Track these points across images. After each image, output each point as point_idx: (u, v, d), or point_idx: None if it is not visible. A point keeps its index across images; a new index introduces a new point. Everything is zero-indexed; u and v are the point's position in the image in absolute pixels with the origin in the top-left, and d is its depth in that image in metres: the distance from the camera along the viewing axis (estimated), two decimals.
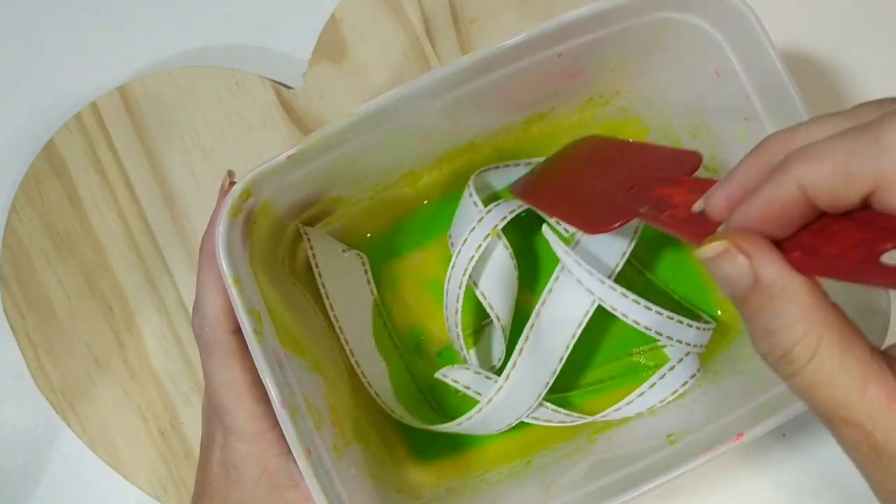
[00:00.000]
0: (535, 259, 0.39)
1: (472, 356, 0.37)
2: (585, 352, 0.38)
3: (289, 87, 0.41)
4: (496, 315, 0.35)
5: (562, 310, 0.35)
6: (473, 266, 0.34)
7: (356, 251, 0.38)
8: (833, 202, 0.20)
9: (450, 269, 0.35)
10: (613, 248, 0.36)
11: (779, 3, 0.41)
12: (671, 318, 0.34)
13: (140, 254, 0.40)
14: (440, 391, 0.38)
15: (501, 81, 0.31)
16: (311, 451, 0.27)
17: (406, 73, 0.41)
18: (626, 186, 0.31)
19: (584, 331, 0.35)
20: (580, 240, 0.36)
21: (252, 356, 0.27)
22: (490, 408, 0.34)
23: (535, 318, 0.35)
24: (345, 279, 0.36)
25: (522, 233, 0.38)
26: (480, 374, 0.36)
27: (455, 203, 0.38)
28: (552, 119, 0.37)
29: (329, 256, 0.36)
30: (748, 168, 0.22)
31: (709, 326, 0.35)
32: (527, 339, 0.34)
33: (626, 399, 0.35)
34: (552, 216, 0.36)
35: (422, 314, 0.38)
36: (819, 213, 0.21)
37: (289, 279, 0.34)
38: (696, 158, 0.32)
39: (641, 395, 0.35)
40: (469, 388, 0.35)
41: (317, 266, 0.35)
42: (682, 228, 0.25)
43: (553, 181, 0.36)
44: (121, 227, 0.40)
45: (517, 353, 0.34)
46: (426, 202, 0.39)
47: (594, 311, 0.35)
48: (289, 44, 0.42)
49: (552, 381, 0.35)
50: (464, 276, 0.34)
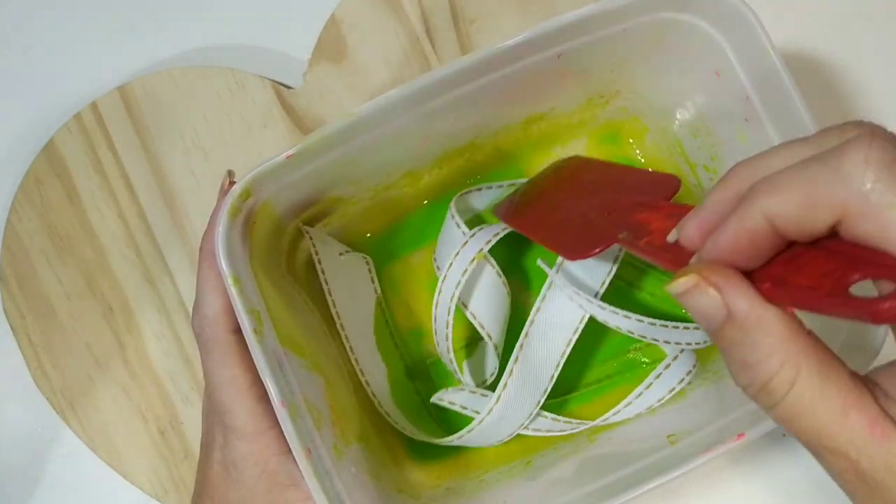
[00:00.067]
0: (526, 272, 0.39)
1: (467, 376, 0.36)
2: (582, 353, 0.38)
3: (289, 87, 0.41)
4: (487, 334, 0.35)
5: (551, 328, 0.35)
6: (461, 290, 0.34)
7: (362, 254, 0.37)
8: (800, 232, 0.19)
9: (437, 295, 0.34)
10: (598, 270, 0.36)
11: (779, 4, 0.41)
12: (664, 326, 0.34)
13: (140, 254, 0.40)
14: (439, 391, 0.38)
15: (501, 82, 0.31)
16: (311, 451, 0.27)
17: (406, 73, 0.41)
18: (607, 211, 0.31)
19: (581, 332, 0.35)
20: (564, 261, 0.35)
21: (252, 356, 0.27)
22: (482, 427, 0.34)
23: (524, 338, 0.34)
24: (348, 278, 0.36)
25: (509, 247, 0.38)
26: (476, 393, 0.36)
27: None
28: (552, 119, 0.37)
29: (332, 256, 0.36)
30: (718, 198, 0.22)
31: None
32: (517, 360, 0.34)
33: (625, 401, 0.35)
34: (533, 239, 0.36)
35: (422, 314, 0.38)
36: (789, 243, 0.20)
37: (287, 279, 0.34)
38: (675, 182, 0.32)
39: (640, 397, 0.35)
40: (466, 409, 0.35)
41: (320, 263, 0.35)
42: (659, 256, 0.25)
43: (535, 203, 0.36)
44: (121, 227, 0.40)
45: (507, 375, 0.34)
46: (426, 202, 0.39)
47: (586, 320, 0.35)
48: (289, 44, 0.42)
49: (543, 400, 0.35)
50: (451, 302, 0.34)
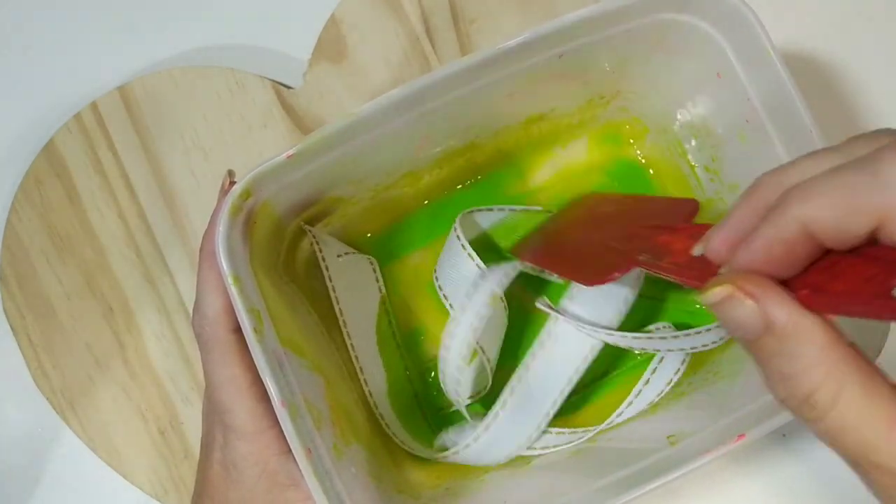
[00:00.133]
0: (527, 273, 0.38)
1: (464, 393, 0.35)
2: None
3: (289, 87, 0.41)
4: (483, 353, 0.35)
5: (554, 361, 0.34)
6: (478, 335, 0.32)
7: (366, 256, 0.37)
8: (838, 238, 0.19)
9: (449, 339, 0.33)
10: (607, 308, 0.34)
11: (779, 4, 0.41)
12: (676, 337, 0.33)
13: (140, 254, 0.40)
14: (436, 397, 0.38)
15: (502, 82, 0.31)
16: (311, 451, 0.27)
17: (406, 73, 0.41)
18: (626, 238, 0.31)
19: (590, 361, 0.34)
20: (574, 295, 0.34)
21: (252, 355, 0.27)
22: (469, 451, 0.33)
23: (524, 370, 0.34)
24: (351, 278, 0.36)
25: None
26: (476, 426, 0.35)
27: (455, 203, 0.38)
28: (553, 119, 0.37)
29: (335, 257, 0.35)
30: (744, 209, 0.22)
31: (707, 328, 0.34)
32: (512, 392, 0.33)
33: (626, 401, 0.35)
34: (555, 273, 0.35)
35: (422, 314, 0.38)
36: (824, 251, 0.20)
37: (285, 279, 0.34)
38: (693, 205, 0.31)
39: (639, 395, 0.35)
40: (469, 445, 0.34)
41: (324, 260, 0.35)
42: (684, 273, 0.25)
43: (554, 240, 0.36)
44: (121, 227, 0.40)
45: (500, 405, 0.33)
46: (426, 202, 0.39)
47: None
48: (289, 44, 0.42)
49: (546, 424, 0.34)
50: (466, 349, 0.32)
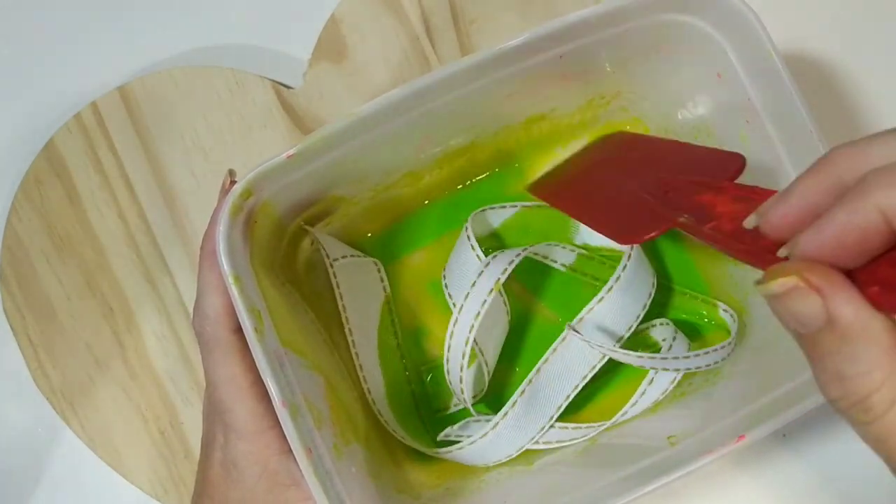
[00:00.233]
0: (528, 273, 0.38)
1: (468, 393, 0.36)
2: None
3: (289, 87, 0.41)
4: (484, 361, 0.35)
5: (564, 371, 0.34)
6: (476, 332, 0.33)
7: (371, 259, 0.37)
8: None
9: (452, 326, 0.33)
10: (622, 319, 0.35)
11: (780, 5, 0.41)
12: (686, 357, 0.33)
13: (140, 254, 0.40)
14: (433, 399, 0.38)
15: (502, 82, 0.31)
16: (312, 451, 0.27)
17: (406, 73, 0.41)
18: (661, 191, 0.28)
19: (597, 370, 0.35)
20: (595, 306, 0.35)
21: (252, 355, 0.27)
22: (473, 448, 0.34)
23: (535, 374, 0.34)
24: (355, 279, 0.36)
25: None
26: (480, 421, 0.35)
27: (456, 203, 0.38)
28: (553, 119, 0.37)
29: (338, 257, 0.35)
30: (811, 185, 0.20)
31: (720, 346, 0.35)
32: (523, 393, 0.34)
33: (631, 401, 0.35)
34: (578, 219, 0.33)
35: (422, 314, 0.38)
36: None
37: (281, 279, 0.34)
38: (740, 161, 0.29)
39: (644, 394, 0.35)
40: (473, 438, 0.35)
41: (328, 257, 0.35)
42: (730, 245, 0.23)
43: (578, 182, 0.34)
44: (121, 227, 0.40)
45: (510, 405, 0.34)
46: (427, 202, 0.39)
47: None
48: (289, 44, 0.42)
49: (548, 425, 0.35)
50: (470, 333, 0.33)
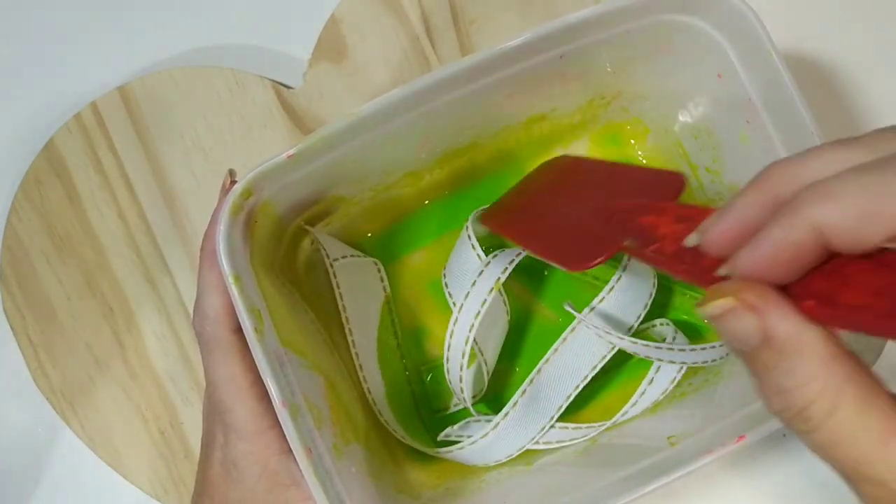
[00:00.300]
0: (529, 272, 0.38)
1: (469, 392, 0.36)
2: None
3: (289, 87, 0.41)
4: (484, 361, 0.35)
5: (569, 365, 0.35)
6: (476, 332, 0.33)
7: (372, 259, 0.37)
8: (852, 245, 0.18)
9: (452, 325, 0.33)
10: (632, 308, 0.35)
11: (780, 5, 0.41)
12: (693, 349, 0.33)
13: (140, 254, 0.40)
14: (433, 399, 0.38)
15: (502, 82, 0.31)
16: (312, 451, 0.27)
17: (406, 73, 0.41)
18: (606, 215, 0.28)
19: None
20: (596, 305, 0.35)
21: (252, 355, 0.27)
22: (473, 448, 0.34)
23: (537, 374, 0.34)
24: (355, 279, 0.36)
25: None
26: (480, 422, 0.35)
27: (456, 203, 0.38)
28: (553, 119, 0.37)
29: (339, 258, 0.35)
30: (749, 200, 0.20)
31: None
32: (524, 393, 0.34)
33: (631, 401, 0.35)
34: (526, 249, 0.33)
35: (422, 314, 0.38)
36: (831, 254, 0.18)
37: (281, 279, 0.34)
38: (680, 181, 0.29)
39: (643, 394, 0.35)
40: (474, 438, 0.35)
41: (328, 257, 0.35)
42: (672, 266, 0.23)
43: (524, 209, 0.34)
44: (121, 227, 0.40)
45: (511, 406, 0.34)
46: (427, 202, 0.39)
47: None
48: (289, 44, 0.42)
49: (549, 425, 0.35)
50: (470, 333, 0.33)
